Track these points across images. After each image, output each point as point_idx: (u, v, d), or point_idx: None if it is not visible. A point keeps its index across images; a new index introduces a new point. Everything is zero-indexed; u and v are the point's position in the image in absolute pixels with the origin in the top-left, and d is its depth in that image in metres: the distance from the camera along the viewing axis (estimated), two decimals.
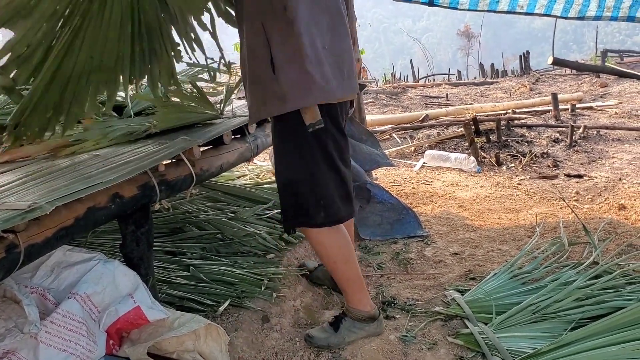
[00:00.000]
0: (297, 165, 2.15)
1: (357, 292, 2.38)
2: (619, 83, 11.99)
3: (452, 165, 5.99)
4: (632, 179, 5.28)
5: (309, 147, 2.10)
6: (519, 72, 17.85)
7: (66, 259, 2.04)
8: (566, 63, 14.17)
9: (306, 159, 2.12)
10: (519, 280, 2.84)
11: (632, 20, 4.46)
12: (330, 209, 2.18)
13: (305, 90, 2.02)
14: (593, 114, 8.80)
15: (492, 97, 12.30)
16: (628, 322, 2.30)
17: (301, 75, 2.01)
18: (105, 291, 1.93)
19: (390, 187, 5.01)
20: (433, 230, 3.89)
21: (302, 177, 2.15)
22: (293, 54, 2.00)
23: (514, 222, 4.07)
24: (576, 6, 4.42)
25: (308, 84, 2.01)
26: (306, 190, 2.16)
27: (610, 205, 4.43)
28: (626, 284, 2.73)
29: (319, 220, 2.19)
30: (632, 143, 6.80)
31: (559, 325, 2.44)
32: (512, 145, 6.55)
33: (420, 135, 7.53)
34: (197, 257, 2.75)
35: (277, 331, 2.45)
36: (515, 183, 5.26)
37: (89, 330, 1.84)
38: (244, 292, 2.57)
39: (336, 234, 2.26)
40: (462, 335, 2.43)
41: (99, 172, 1.93)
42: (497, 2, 4.45)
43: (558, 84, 13.70)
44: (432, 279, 3.09)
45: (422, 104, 11.18)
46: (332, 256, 2.30)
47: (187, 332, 1.94)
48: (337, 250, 2.28)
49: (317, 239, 2.27)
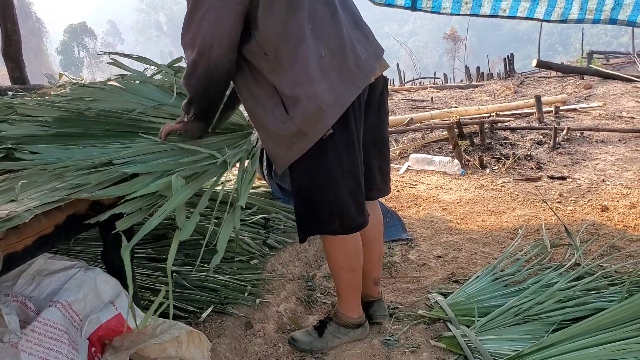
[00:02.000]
0: (310, 172, 2.07)
1: (352, 300, 2.37)
2: (604, 85, 12.08)
3: (437, 169, 6.01)
4: (615, 180, 5.33)
5: (320, 152, 2.01)
6: (504, 75, 17.94)
7: (47, 266, 2.04)
8: (550, 65, 14.29)
9: (318, 165, 2.04)
10: (501, 282, 2.86)
11: (614, 22, 4.50)
12: (345, 217, 2.11)
13: (319, 115, 1.91)
14: (577, 116, 8.86)
15: (477, 100, 12.36)
16: (609, 323, 2.32)
17: (309, 103, 1.90)
18: (86, 299, 1.93)
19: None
20: (417, 234, 3.91)
21: (316, 183, 2.08)
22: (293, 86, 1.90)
23: (497, 225, 4.10)
24: (558, 9, 4.47)
25: (320, 108, 1.90)
26: (320, 197, 2.09)
27: (593, 206, 4.47)
28: (607, 285, 2.76)
29: (335, 228, 2.14)
30: (615, 145, 6.86)
31: (540, 327, 2.46)
32: (495, 147, 6.59)
33: (405, 138, 7.55)
34: (180, 263, 2.74)
35: (261, 337, 2.45)
36: (498, 185, 5.29)
37: (71, 338, 1.83)
38: (227, 299, 2.57)
39: (351, 242, 2.21)
40: (445, 338, 2.44)
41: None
42: (479, 6, 4.49)
43: (543, 86, 13.79)
44: (416, 282, 3.10)
45: (407, 108, 11.21)
46: (340, 262, 2.27)
47: (169, 339, 1.93)
48: (347, 258, 2.25)
49: (331, 244, 2.24)
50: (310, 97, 1.89)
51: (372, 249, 2.46)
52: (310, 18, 1.92)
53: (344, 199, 2.09)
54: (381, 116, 2.28)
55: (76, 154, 2.10)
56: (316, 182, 2.07)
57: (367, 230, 2.32)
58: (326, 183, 2.06)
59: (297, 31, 1.88)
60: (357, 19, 2.12)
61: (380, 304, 2.59)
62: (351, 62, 1.97)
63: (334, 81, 1.92)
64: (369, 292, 2.57)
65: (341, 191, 2.07)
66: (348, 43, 1.98)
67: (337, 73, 1.94)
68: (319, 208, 2.11)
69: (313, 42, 1.91)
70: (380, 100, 2.23)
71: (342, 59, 1.96)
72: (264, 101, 1.98)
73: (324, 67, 1.92)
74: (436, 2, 4.43)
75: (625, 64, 19.20)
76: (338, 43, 1.96)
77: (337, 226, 2.12)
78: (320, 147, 1.98)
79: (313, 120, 1.91)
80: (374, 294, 2.59)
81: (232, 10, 1.83)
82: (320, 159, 2.02)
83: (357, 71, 1.99)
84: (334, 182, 2.05)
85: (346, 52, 1.97)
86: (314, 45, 1.91)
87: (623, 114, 8.80)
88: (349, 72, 1.96)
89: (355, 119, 2.03)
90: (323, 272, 3.21)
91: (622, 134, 7.31)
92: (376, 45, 2.15)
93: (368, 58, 2.05)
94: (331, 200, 2.08)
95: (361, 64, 2.01)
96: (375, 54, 2.10)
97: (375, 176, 2.34)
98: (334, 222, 2.10)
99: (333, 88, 1.92)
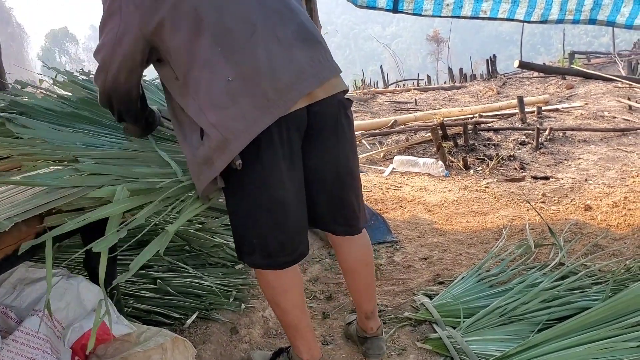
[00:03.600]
0: (231, 202, 1.92)
1: (294, 339, 2.13)
2: (585, 85, 12.17)
3: (421, 170, 6.03)
4: (598, 179, 5.38)
5: (235, 184, 1.85)
6: (487, 76, 18.03)
7: (29, 275, 2.02)
8: (532, 66, 14.37)
9: (237, 197, 1.88)
10: (486, 283, 2.87)
11: (594, 23, 4.55)
12: (264, 251, 1.92)
13: (223, 144, 1.73)
14: (559, 116, 8.93)
15: (460, 101, 12.41)
16: (593, 322, 2.34)
17: (213, 131, 1.73)
18: (69, 307, 1.91)
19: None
20: (402, 236, 3.91)
21: (236, 214, 1.92)
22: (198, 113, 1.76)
23: (481, 225, 4.11)
24: (538, 10, 4.51)
25: (224, 137, 1.72)
26: (241, 228, 1.94)
27: (577, 206, 4.50)
28: (592, 284, 2.78)
29: (254, 261, 1.95)
30: (597, 144, 6.92)
31: (526, 327, 2.47)
32: (479, 148, 6.62)
33: (389, 140, 7.57)
34: (164, 269, 2.72)
35: (246, 342, 2.44)
36: (482, 186, 5.31)
37: (53, 347, 1.81)
38: (212, 304, 2.56)
39: (274, 278, 1.99)
40: (431, 340, 2.44)
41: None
42: (460, 8, 4.52)
43: (525, 87, 13.88)
44: (402, 285, 3.10)
45: (391, 110, 11.24)
46: (267, 296, 2.08)
47: (153, 347, 1.91)
48: (273, 294, 2.03)
49: (258, 276, 2.04)
50: (214, 125, 1.73)
51: (355, 279, 2.29)
52: (219, 40, 1.73)
53: (262, 235, 1.90)
54: (340, 144, 1.99)
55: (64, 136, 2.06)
56: (236, 213, 1.93)
57: (345, 260, 2.24)
58: (243, 216, 1.91)
59: (203, 55, 1.73)
60: (304, 35, 1.86)
61: (374, 342, 2.37)
62: (267, 87, 1.73)
63: (245, 108, 1.72)
64: (362, 326, 2.39)
65: (259, 226, 1.89)
66: (266, 65, 1.74)
67: (250, 98, 1.72)
68: (241, 239, 1.96)
69: (221, 66, 1.72)
70: (335, 126, 1.95)
71: (256, 84, 1.73)
72: (184, 126, 1.88)
73: (232, 92, 1.72)
74: (417, 4, 4.46)
75: (606, 63, 19.38)
76: (253, 65, 1.73)
77: (258, 259, 1.94)
78: (235, 178, 1.83)
79: (219, 149, 1.74)
80: (367, 330, 2.37)
81: (132, 35, 1.75)
82: (235, 191, 1.87)
83: (275, 97, 1.74)
84: (251, 216, 1.89)
85: (262, 76, 1.73)
86: (222, 69, 1.72)
87: (605, 113, 8.88)
88: (263, 98, 1.73)
89: (274, 151, 1.80)
90: (308, 275, 3.20)
91: (604, 133, 7.38)
92: (325, 66, 1.88)
93: (296, 81, 1.78)
94: (250, 234, 1.92)
95: (281, 89, 1.75)
96: (316, 75, 1.83)
97: (336, 210, 2.10)
98: (254, 254, 1.93)
99: (244, 115, 1.71)
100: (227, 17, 1.73)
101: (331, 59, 1.94)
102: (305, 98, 1.80)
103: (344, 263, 2.27)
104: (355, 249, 2.24)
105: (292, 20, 1.85)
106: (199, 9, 1.70)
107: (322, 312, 2.79)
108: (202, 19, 1.70)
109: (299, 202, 1.93)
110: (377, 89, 17.60)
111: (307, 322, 2.12)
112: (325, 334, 2.59)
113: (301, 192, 1.94)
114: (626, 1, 4.27)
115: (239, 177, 1.81)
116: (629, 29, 4.55)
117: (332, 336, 2.57)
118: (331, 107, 1.92)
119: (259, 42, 1.75)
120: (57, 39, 77.39)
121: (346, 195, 2.08)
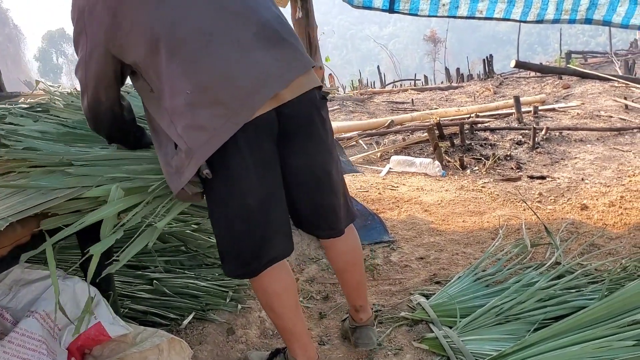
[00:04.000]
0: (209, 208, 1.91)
1: (289, 342, 2.11)
2: (582, 84, 12.18)
3: (418, 170, 6.03)
4: (594, 179, 5.39)
5: (208, 192, 1.86)
6: (483, 76, 18.05)
7: (24, 276, 2.02)
8: (528, 66, 14.41)
9: (211, 204, 1.88)
10: (482, 282, 2.87)
11: (590, 22, 4.56)
12: (239, 259, 1.91)
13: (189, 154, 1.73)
14: (556, 116, 8.94)
15: (457, 101, 12.42)
16: (589, 321, 2.34)
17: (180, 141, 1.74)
18: (65, 308, 1.90)
19: (357, 194, 5.04)
20: (399, 235, 3.92)
21: (212, 221, 1.92)
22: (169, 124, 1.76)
23: (478, 225, 4.12)
24: (534, 10, 4.52)
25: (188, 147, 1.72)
26: (216, 235, 1.93)
27: (573, 205, 4.51)
28: (588, 284, 2.78)
29: (230, 269, 1.95)
30: (594, 143, 6.93)
31: (522, 327, 2.47)
32: (475, 148, 6.63)
33: (386, 141, 7.57)
34: (160, 270, 2.71)
35: (243, 343, 2.44)
36: (479, 186, 5.32)
37: (50, 349, 1.81)
38: (209, 305, 2.56)
39: (267, 282, 1.97)
40: (427, 340, 2.45)
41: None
42: (456, 8, 4.52)
43: (522, 87, 13.89)
44: (398, 284, 3.10)
45: (388, 110, 11.25)
46: (261, 302, 2.06)
47: (150, 347, 1.92)
48: (265, 298, 2.01)
49: (250, 280, 2.01)
50: (180, 136, 1.73)
51: (345, 278, 2.31)
52: (175, 53, 1.71)
53: (235, 243, 1.89)
54: (314, 145, 1.96)
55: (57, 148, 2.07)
56: (213, 221, 1.92)
57: (335, 261, 2.26)
58: (218, 224, 1.90)
59: (164, 69, 1.72)
60: (267, 35, 1.81)
61: (362, 331, 2.39)
62: (226, 96, 1.71)
63: (204, 119, 1.70)
64: (352, 317, 2.42)
65: (232, 234, 1.88)
66: (224, 74, 1.72)
67: (209, 109, 1.70)
68: (219, 248, 1.95)
69: (179, 79, 1.71)
70: (309, 127, 1.93)
71: (214, 94, 1.71)
72: (160, 136, 1.87)
73: (191, 104, 1.71)
74: (414, 4, 4.46)
75: (603, 63, 19.38)
76: (210, 76, 1.71)
77: (234, 268, 1.94)
78: (208, 187, 1.84)
79: (187, 159, 1.75)
80: (356, 320, 2.41)
81: (100, 52, 1.78)
82: (209, 200, 1.88)
83: (236, 105, 1.71)
84: (224, 224, 1.89)
85: (220, 85, 1.71)
86: (180, 82, 1.71)
87: (601, 113, 8.90)
88: (223, 107, 1.71)
89: (241, 157, 1.77)
90: (305, 276, 3.20)
91: (601, 132, 7.39)
92: (292, 65, 1.84)
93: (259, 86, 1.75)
94: (225, 242, 1.91)
95: (242, 96, 1.72)
96: (281, 76, 1.79)
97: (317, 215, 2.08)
98: (231, 263, 1.93)
99: (203, 126, 1.71)
100: (181, 30, 1.71)
101: (300, 55, 1.88)
102: (271, 101, 1.77)
103: (334, 264, 2.30)
104: (342, 250, 2.24)
105: (253, 21, 1.80)
106: (153, 25, 1.70)
107: (319, 313, 2.79)
108: (157, 34, 1.70)
109: (276, 204, 1.90)
110: (374, 89, 17.61)
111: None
112: (322, 334, 2.59)
113: (278, 194, 1.92)
114: (622, 1, 4.29)
115: (211, 186, 1.82)
116: (625, 28, 4.56)
117: (329, 336, 2.57)
118: (302, 107, 1.88)
119: (216, 50, 1.72)
120: (53, 40, 77.29)
121: (326, 199, 2.06)
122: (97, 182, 1.85)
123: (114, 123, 2.01)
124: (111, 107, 1.94)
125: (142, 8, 1.70)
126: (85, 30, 1.77)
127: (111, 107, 1.94)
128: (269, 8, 1.88)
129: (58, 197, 1.77)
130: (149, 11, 1.70)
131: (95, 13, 1.73)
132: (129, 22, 1.71)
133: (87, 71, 1.83)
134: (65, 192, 1.79)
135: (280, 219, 1.93)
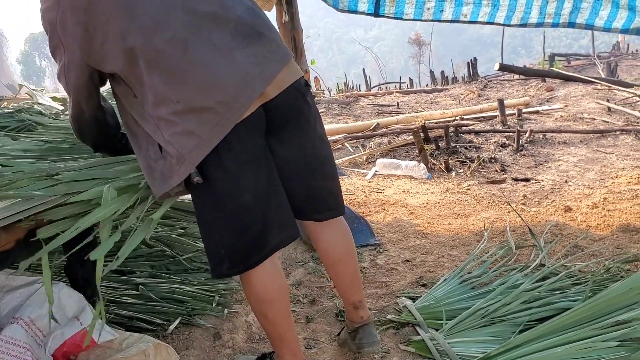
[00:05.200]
0: (197, 211, 1.91)
1: (278, 349, 2.08)
2: (565, 87, 12.29)
3: (403, 173, 6.06)
4: (578, 180, 5.44)
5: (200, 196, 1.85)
6: (468, 79, 18.13)
7: (8, 282, 2.00)
8: (512, 68, 14.50)
9: (200, 206, 1.88)
10: (468, 285, 2.89)
11: (573, 26, 4.60)
12: (232, 259, 1.89)
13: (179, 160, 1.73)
14: (539, 118, 9.01)
15: (442, 104, 12.49)
16: (573, 322, 2.36)
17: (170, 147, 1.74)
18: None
19: (343, 197, 5.03)
20: (385, 238, 3.93)
21: (203, 224, 1.91)
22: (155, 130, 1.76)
23: (463, 228, 4.14)
24: (518, 14, 4.54)
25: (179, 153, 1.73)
26: (205, 237, 1.93)
27: (557, 207, 4.54)
28: (572, 285, 2.81)
29: (222, 272, 1.92)
30: (577, 146, 6.99)
31: (507, 328, 2.48)
32: (460, 151, 6.67)
33: (372, 143, 7.60)
34: (146, 275, 2.70)
35: (229, 347, 2.44)
36: (464, 188, 5.35)
37: (34, 356, 1.80)
38: (195, 310, 2.55)
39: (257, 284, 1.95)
40: (414, 343, 2.45)
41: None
42: (441, 12, 4.54)
43: (506, 89, 13.98)
44: (385, 287, 3.11)
45: (373, 113, 11.28)
46: (254, 308, 2.04)
47: (136, 353, 1.91)
48: (256, 301, 1.99)
49: (244, 285, 1.99)
50: (169, 141, 1.73)
51: (339, 270, 2.26)
52: (154, 64, 1.70)
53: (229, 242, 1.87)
54: (304, 132, 1.98)
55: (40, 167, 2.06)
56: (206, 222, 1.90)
57: (328, 253, 2.22)
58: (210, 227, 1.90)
59: (146, 80, 1.72)
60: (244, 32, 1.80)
61: (365, 329, 2.31)
62: (212, 102, 1.71)
63: (193, 125, 1.71)
64: (351, 318, 2.34)
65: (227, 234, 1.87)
66: (206, 81, 1.72)
67: (197, 116, 1.71)
68: (208, 248, 1.94)
69: (162, 89, 1.71)
70: (297, 116, 1.94)
71: (199, 101, 1.71)
72: (139, 138, 1.86)
73: (179, 112, 1.71)
74: (399, 8, 4.48)
75: (586, 65, 19.54)
76: (193, 85, 1.71)
77: (227, 268, 1.91)
78: (200, 192, 1.82)
79: (177, 163, 1.75)
80: (356, 320, 2.32)
81: (78, 64, 1.78)
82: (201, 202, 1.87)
83: (223, 109, 1.72)
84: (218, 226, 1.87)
85: (204, 93, 1.71)
86: (164, 92, 1.71)
87: (584, 115, 8.98)
88: (210, 113, 1.71)
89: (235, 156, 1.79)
90: (292, 279, 3.20)
91: (584, 135, 7.46)
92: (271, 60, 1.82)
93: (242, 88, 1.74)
94: (218, 245, 1.89)
95: (227, 101, 1.72)
96: (261, 74, 1.78)
97: (315, 200, 2.11)
98: (223, 264, 1.90)
99: (193, 132, 1.71)
100: (155, 40, 1.69)
101: (277, 47, 1.87)
102: (257, 100, 1.77)
103: (327, 257, 2.25)
104: (337, 236, 2.23)
105: (229, 20, 1.78)
106: (125, 37, 1.68)
107: (306, 316, 2.79)
108: (131, 45, 1.69)
109: (273, 196, 1.91)
110: (359, 92, 17.62)
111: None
112: (309, 337, 2.59)
113: (274, 185, 1.92)
114: (604, 4, 4.33)
115: (204, 190, 1.81)
116: (608, 31, 4.60)
117: (316, 340, 2.57)
118: (289, 98, 1.89)
119: (194, 58, 1.71)
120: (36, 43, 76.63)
121: (322, 182, 2.10)
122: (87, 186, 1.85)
123: (99, 129, 2.02)
124: (94, 114, 1.96)
125: (112, 21, 1.68)
126: (61, 44, 1.77)
127: (94, 114, 1.96)
128: (240, 1, 1.86)
129: (44, 202, 1.76)
130: (119, 24, 1.68)
131: (67, 27, 1.72)
132: (100, 34, 1.70)
133: (67, 82, 1.84)
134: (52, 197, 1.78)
135: (278, 208, 1.93)
